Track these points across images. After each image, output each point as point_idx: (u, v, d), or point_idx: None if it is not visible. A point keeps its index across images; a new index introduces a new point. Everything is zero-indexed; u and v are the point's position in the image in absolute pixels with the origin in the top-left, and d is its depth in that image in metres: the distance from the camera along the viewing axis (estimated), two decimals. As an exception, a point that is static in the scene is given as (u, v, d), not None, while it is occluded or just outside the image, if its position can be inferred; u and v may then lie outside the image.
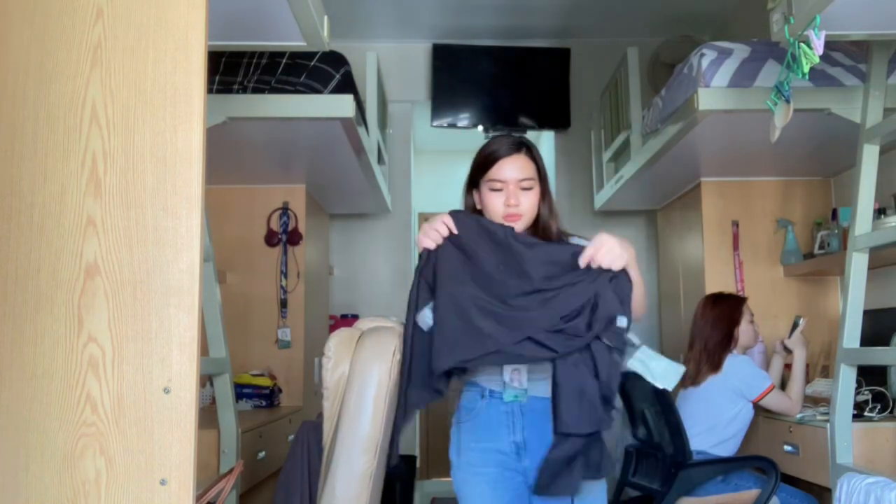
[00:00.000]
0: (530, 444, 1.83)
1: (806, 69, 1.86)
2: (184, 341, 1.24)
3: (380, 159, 3.91)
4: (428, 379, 1.74)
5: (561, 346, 1.67)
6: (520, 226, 1.90)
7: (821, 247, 3.27)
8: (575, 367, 1.68)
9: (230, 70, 2.68)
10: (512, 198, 1.88)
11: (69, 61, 1.29)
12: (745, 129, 2.84)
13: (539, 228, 1.95)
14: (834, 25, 1.88)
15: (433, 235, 1.81)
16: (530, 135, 5.15)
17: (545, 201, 1.96)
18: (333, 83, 2.68)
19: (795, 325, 2.94)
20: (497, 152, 1.91)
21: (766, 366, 3.10)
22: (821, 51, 1.81)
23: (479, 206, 1.96)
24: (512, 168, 1.89)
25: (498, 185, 1.89)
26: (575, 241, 1.93)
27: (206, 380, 3.00)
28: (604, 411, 1.67)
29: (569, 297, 1.71)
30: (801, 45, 1.85)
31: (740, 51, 2.60)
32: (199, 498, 1.68)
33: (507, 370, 1.86)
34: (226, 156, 3.16)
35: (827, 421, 2.32)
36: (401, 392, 1.82)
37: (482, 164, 1.93)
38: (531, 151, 1.94)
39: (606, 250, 1.72)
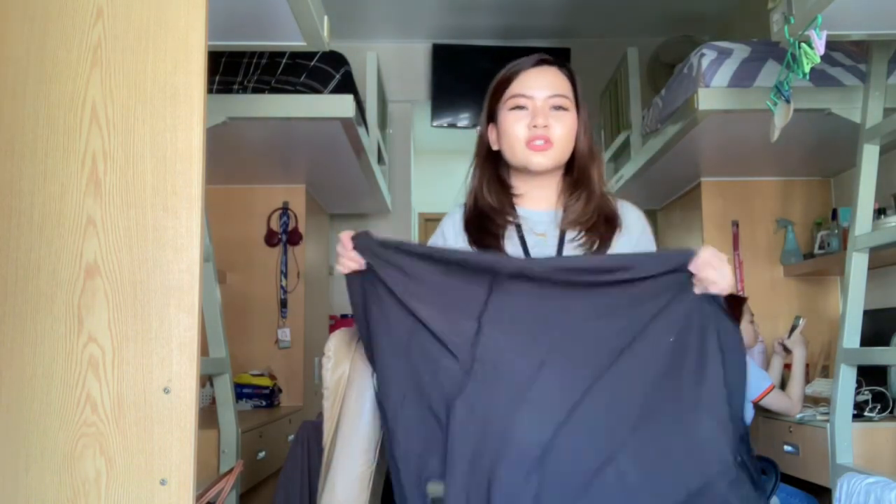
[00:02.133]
0: None
1: (807, 69, 1.86)
2: (184, 341, 1.24)
3: (380, 159, 3.91)
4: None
5: None
6: (548, 159, 1.44)
7: (821, 247, 3.27)
8: None
9: (230, 70, 2.68)
10: (539, 116, 1.43)
11: (69, 61, 1.29)
12: (745, 129, 2.83)
13: (575, 174, 1.49)
14: (834, 25, 1.87)
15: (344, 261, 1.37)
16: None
17: (584, 136, 1.49)
18: (333, 83, 2.68)
19: (795, 326, 2.94)
20: (519, 65, 1.49)
21: (766, 366, 3.09)
22: (822, 51, 1.81)
23: (496, 147, 1.52)
24: (539, 80, 1.46)
25: (521, 101, 1.45)
26: (627, 209, 1.48)
27: (206, 380, 3.00)
28: None
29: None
30: (802, 45, 1.85)
31: (740, 51, 2.60)
32: (199, 498, 1.68)
33: None
34: (226, 156, 3.16)
35: (827, 421, 2.31)
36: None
37: (500, 83, 1.50)
38: (566, 68, 1.50)
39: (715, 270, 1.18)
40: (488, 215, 1.50)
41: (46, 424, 1.23)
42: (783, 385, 2.98)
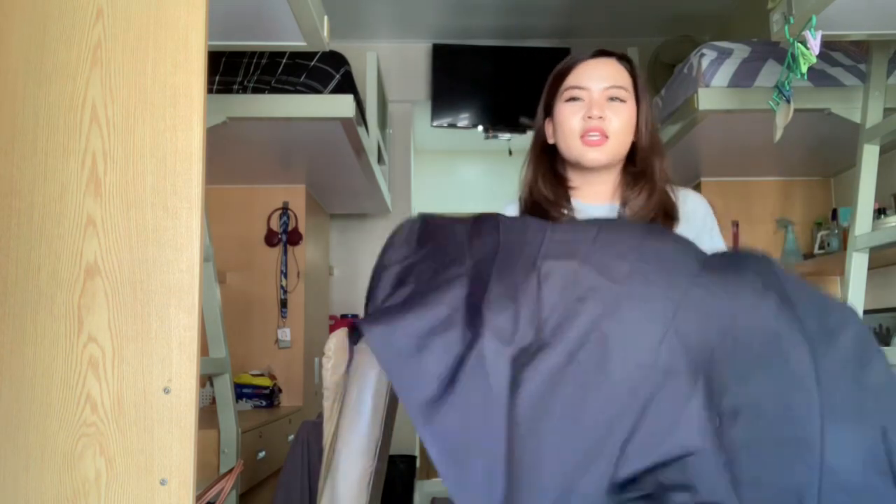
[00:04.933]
0: None
1: (804, 69, 1.86)
2: (184, 341, 1.24)
3: (380, 159, 3.91)
4: None
5: None
6: (603, 154, 1.40)
7: (821, 247, 3.27)
8: None
9: (230, 70, 2.68)
10: (595, 107, 1.39)
11: (69, 61, 1.29)
12: (745, 129, 2.83)
13: (638, 167, 1.45)
14: (834, 25, 1.87)
15: None
16: (530, 135, 5.15)
17: (645, 128, 1.44)
18: (333, 83, 2.68)
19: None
20: (575, 57, 1.46)
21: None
22: (817, 51, 1.81)
23: (551, 140, 1.49)
24: (596, 71, 1.42)
25: (576, 93, 1.42)
26: (687, 197, 1.44)
27: (206, 380, 3.00)
28: None
29: None
30: (799, 45, 1.85)
31: (740, 51, 2.60)
32: (199, 498, 1.68)
33: None
34: (226, 156, 3.16)
35: (827, 421, 2.31)
36: None
37: (556, 77, 1.47)
38: (625, 59, 1.47)
39: None
40: (543, 207, 1.47)
41: (46, 424, 1.23)
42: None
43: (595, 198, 1.48)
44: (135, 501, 1.21)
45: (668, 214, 1.43)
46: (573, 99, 1.42)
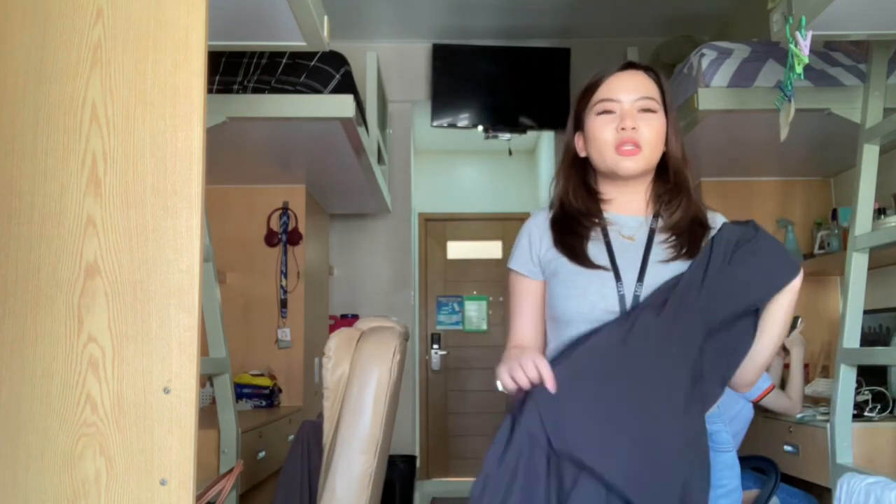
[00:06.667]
0: None
1: (798, 69, 1.86)
2: (184, 341, 1.24)
3: (380, 159, 3.91)
4: None
5: None
6: (638, 164, 1.44)
7: (821, 247, 3.27)
8: None
9: (230, 70, 2.68)
10: (627, 119, 1.42)
11: (69, 61, 1.29)
12: (745, 129, 2.83)
13: (672, 179, 1.49)
14: (834, 25, 1.88)
15: (519, 377, 1.30)
16: (531, 135, 5.16)
17: (675, 140, 1.49)
18: (333, 83, 2.68)
19: (794, 326, 2.94)
20: (604, 71, 1.49)
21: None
22: (807, 51, 1.81)
23: (582, 154, 1.53)
24: (626, 83, 1.46)
25: (608, 105, 1.45)
26: (718, 219, 1.48)
27: (206, 380, 3.00)
28: None
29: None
30: (792, 46, 1.86)
31: (740, 51, 2.60)
32: (199, 498, 1.68)
33: None
34: (226, 156, 3.16)
35: (827, 421, 2.32)
36: None
37: (586, 90, 1.50)
38: (652, 71, 1.50)
39: None
40: (575, 217, 1.51)
41: (46, 424, 1.23)
42: (783, 385, 2.98)
43: (628, 208, 1.52)
44: (135, 501, 1.21)
45: (700, 223, 1.47)
46: (605, 112, 1.45)
